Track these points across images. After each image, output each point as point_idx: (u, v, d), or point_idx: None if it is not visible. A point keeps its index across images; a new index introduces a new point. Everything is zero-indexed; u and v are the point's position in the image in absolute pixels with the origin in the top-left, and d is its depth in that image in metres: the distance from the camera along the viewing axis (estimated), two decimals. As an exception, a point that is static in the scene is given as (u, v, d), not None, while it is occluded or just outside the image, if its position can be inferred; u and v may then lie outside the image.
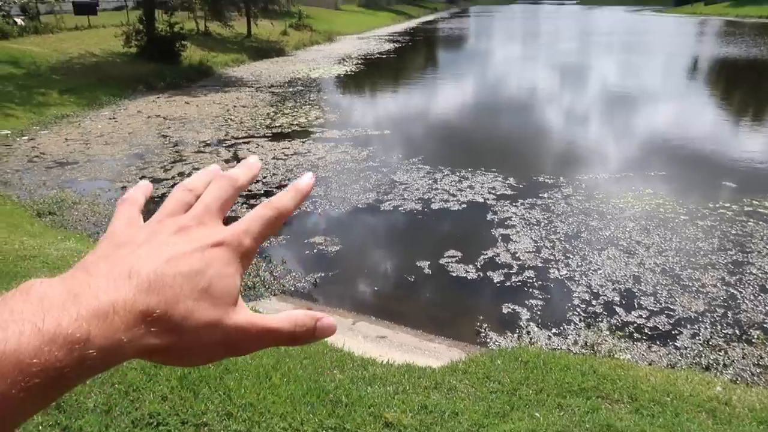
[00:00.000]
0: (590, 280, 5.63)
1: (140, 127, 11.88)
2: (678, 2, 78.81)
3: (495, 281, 5.64)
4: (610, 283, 5.56)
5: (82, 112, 13.12)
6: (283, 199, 0.45)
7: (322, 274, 5.84)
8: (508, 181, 8.38)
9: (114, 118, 12.70)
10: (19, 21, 19.07)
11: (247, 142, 10.56)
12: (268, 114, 13.16)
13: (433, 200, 7.72)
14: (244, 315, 0.41)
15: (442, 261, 6.04)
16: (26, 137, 10.90)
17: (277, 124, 12.03)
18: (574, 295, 5.38)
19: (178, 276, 0.38)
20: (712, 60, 25.53)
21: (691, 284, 5.54)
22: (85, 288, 0.35)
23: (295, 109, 13.74)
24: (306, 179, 0.48)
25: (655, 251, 6.21)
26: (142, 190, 0.49)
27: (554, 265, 5.91)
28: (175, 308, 0.37)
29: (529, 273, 5.76)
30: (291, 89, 16.81)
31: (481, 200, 7.72)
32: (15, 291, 0.34)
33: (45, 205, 7.36)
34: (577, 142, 11.42)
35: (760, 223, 6.92)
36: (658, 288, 5.47)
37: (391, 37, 36.68)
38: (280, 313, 0.42)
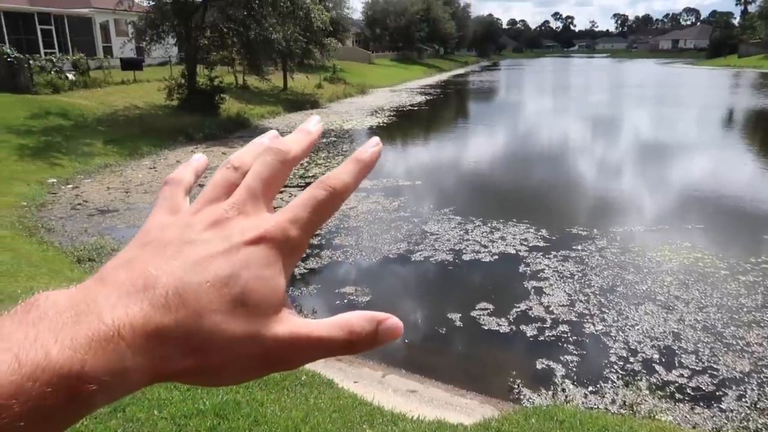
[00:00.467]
0: (627, 335, 5.46)
1: (178, 176, 12.25)
2: (711, 54, 78.95)
3: (528, 335, 5.51)
4: (649, 340, 5.37)
5: (124, 162, 13.63)
6: (340, 175, 0.38)
7: (352, 325, 5.79)
8: (540, 233, 8.29)
9: (154, 168, 13.14)
10: (70, 76, 20.14)
11: (281, 192, 10.69)
12: (301, 164, 13.40)
13: (464, 251, 7.68)
14: (287, 325, 0.34)
15: (474, 313, 5.95)
16: (71, 185, 11.34)
17: (310, 174, 12.26)
18: (611, 351, 5.21)
19: (204, 285, 0.32)
20: (748, 112, 25.24)
21: (735, 342, 5.31)
22: (91, 305, 0.30)
23: (328, 160, 14.01)
24: (371, 147, 0.40)
25: (695, 307, 6.00)
26: (192, 166, 0.42)
27: (589, 320, 5.76)
28: (199, 324, 0.31)
29: (564, 327, 5.62)
30: (324, 140, 17.18)
31: (513, 252, 7.65)
32: (17, 307, 0.30)
33: (85, 252, 7.57)
34: (610, 193, 11.29)
35: (807, 279, 6.66)
36: (699, 346, 5.26)
37: (423, 90, 37.45)
38: (331, 318, 0.35)
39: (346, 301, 6.31)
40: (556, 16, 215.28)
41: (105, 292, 0.31)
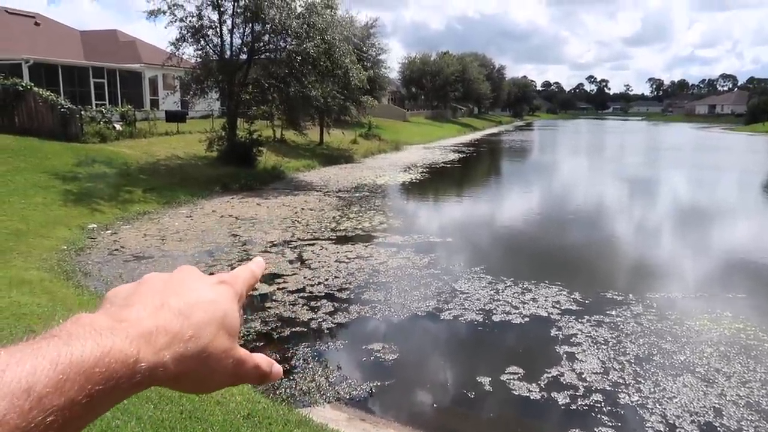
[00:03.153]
0: (665, 409, 5.19)
1: (213, 225, 12.49)
2: (749, 120, 78.08)
3: (560, 403, 5.30)
4: (688, 415, 5.10)
5: (162, 210, 13.99)
6: (253, 267, 0.57)
7: (378, 383, 5.68)
8: (573, 296, 8.10)
9: (190, 216, 13.44)
10: (118, 126, 21.05)
11: (312, 244, 10.83)
12: (333, 217, 13.57)
13: (494, 312, 7.53)
14: (243, 350, 0.49)
15: (504, 377, 5.77)
16: (109, 231, 11.65)
17: (341, 228, 12.34)
18: (647, 424, 4.96)
19: (201, 304, 0.47)
20: (789, 179, 24.65)
21: (781, 422, 5.00)
22: (129, 316, 0.43)
23: (360, 214, 14.11)
24: (258, 260, 0.60)
25: (738, 381, 5.70)
26: None
27: (624, 390, 5.52)
28: (203, 331, 0.45)
29: (597, 396, 5.39)
30: (357, 194, 17.39)
31: (545, 314, 7.46)
32: (67, 322, 0.41)
33: (118, 297, 7.68)
34: (647, 258, 11.02)
35: None
36: (743, 424, 4.97)
37: (456, 148, 37.85)
38: (254, 353, 0.51)
39: (372, 358, 6.20)
40: (591, 79, 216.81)
41: (134, 310, 0.44)
